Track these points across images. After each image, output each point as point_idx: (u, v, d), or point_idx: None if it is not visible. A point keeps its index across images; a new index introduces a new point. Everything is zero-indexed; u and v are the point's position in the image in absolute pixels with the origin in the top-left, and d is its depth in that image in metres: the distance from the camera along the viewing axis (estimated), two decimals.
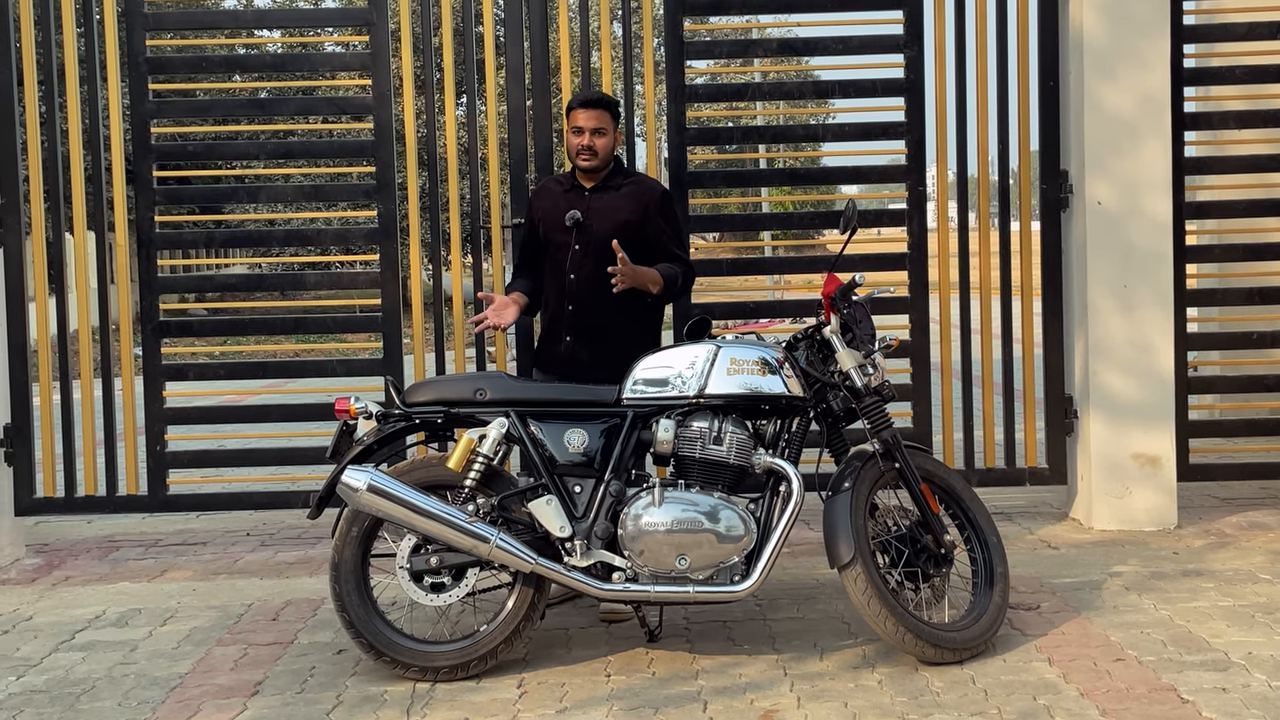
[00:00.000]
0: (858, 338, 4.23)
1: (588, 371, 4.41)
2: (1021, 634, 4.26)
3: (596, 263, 4.48)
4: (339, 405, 4.10)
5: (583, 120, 4.52)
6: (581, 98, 4.60)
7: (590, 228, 4.54)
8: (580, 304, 4.54)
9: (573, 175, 4.67)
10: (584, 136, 4.52)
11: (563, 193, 4.66)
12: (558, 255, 4.59)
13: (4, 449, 5.73)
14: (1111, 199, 5.64)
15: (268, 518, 6.38)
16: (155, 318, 5.83)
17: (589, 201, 4.58)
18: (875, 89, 5.94)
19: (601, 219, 4.54)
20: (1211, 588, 4.75)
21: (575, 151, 4.55)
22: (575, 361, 4.53)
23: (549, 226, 4.63)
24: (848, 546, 3.95)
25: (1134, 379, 5.65)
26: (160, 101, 5.96)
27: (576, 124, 4.54)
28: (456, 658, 3.96)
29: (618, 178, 4.65)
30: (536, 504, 3.98)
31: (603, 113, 4.54)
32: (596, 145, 4.52)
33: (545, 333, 4.72)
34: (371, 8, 5.81)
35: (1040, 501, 6.22)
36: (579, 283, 4.55)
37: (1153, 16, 5.62)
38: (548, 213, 4.65)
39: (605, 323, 4.55)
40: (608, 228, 4.50)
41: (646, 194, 4.65)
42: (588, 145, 4.52)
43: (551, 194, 4.71)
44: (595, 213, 4.56)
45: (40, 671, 4.18)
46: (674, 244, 4.65)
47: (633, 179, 4.76)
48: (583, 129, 4.52)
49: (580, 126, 4.52)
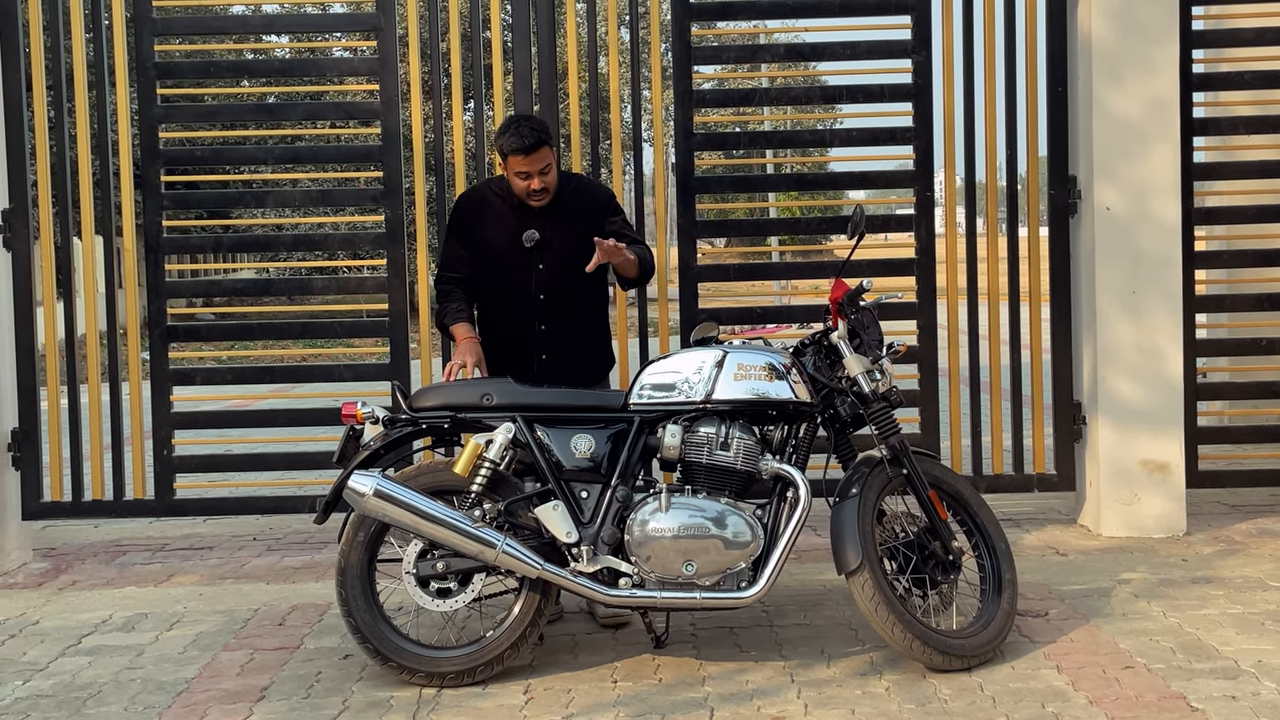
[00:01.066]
0: (865, 343, 4.21)
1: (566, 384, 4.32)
2: (1030, 641, 4.24)
3: (564, 279, 4.46)
4: (346, 410, 4.09)
5: (525, 165, 4.36)
6: (515, 144, 4.34)
7: (552, 245, 4.47)
8: (554, 321, 4.47)
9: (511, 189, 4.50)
10: (533, 180, 4.38)
11: (509, 208, 4.50)
12: (517, 276, 4.46)
13: (12, 453, 5.74)
14: (1120, 204, 5.62)
15: (274, 522, 6.38)
16: (163, 322, 5.84)
17: (543, 219, 4.49)
18: (883, 94, 5.93)
19: (562, 235, 4.49)
20: (1221, 595, 4.72)
21: (525, 194, 4.41)
22: (554, 378, 4.42)
23: (499, 245, 4.48)
24: (855, 553, 3.93)
25: (1143, 385, 5.63)
26: (168, 106, 5.98)
27: (519, 169, 4.37)
28: (463, 663, 3.95)
29: (564, 191, 4.56)
30: (543, 509, 3.97)
31: (543, 149, 4.37)
32: (546, 183, 4.41)
33: (507, 352, 4.53)
34: (379, 13, 5.81)
35: (1048, 508, 6.20)
36: (550, 302, 4.49)
37: (1161, 21, 5.60)
38: (495, 227, 4.50)
39: (578, 336, 4.55)
40: (571, 243, 4.46)
41: (596, 198, 4.65)
42: (539, 188, 4.39)
43: (494, 208, 4.53)
44: (552, 229, 4.49)
45: (46, 676, 4.18)
46: (632, 233, 4.62)
47: (576, 184, 4.72)
48: (530, 173, 4.37)
49: (526, 171, 4.36)
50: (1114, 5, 5.59)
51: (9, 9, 5.70)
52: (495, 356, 4.58)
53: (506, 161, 4.43)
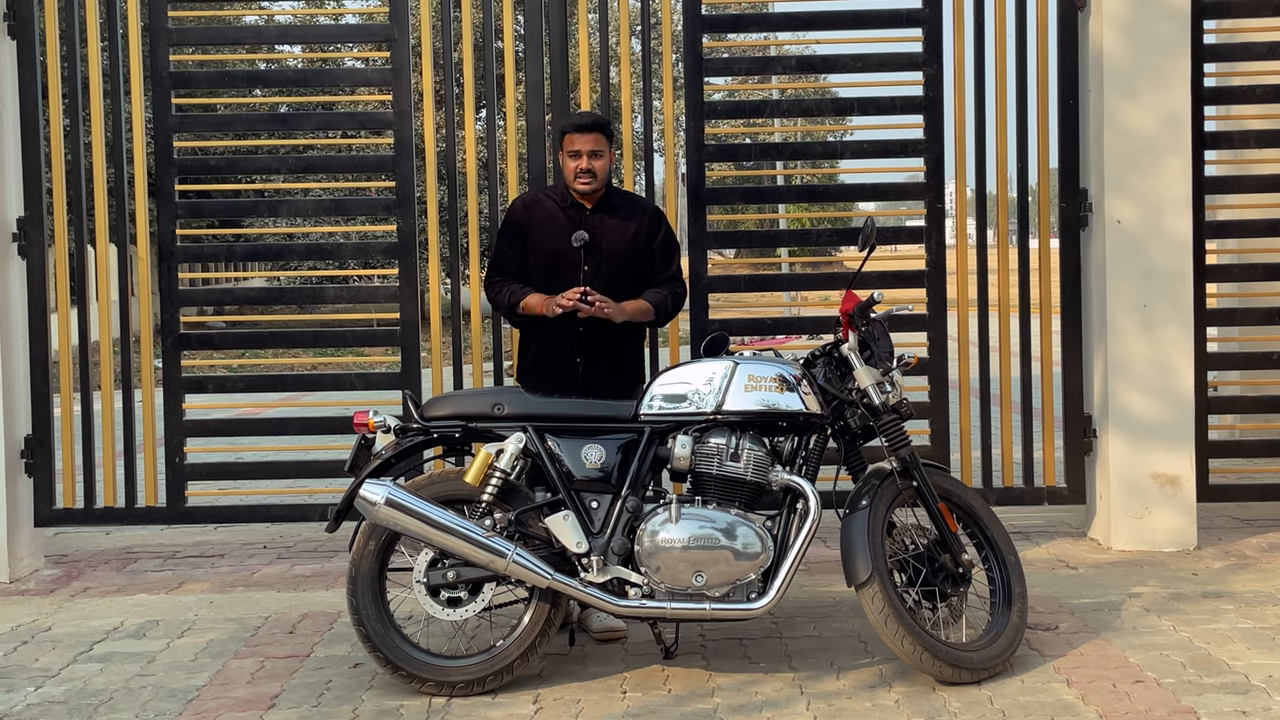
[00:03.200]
0: (876, 355, 4.22)
1: (600, 393, 4.34)
2: (1040, 654, 4.24)
3: (609, 283, 4.47)
4: (358, 419, 4.11)
5: (580, 144, 4.45)
6: (576, 121, 4.51)
7: (600, 247, 4.51)
8: (594, 325, 4.45)
9: (565, 192, 4.59)
10: (582, 160, 4.45)
11: (560, 209, 4.56)
12: (563, 275, 4.48)
13: (25, 460, 5.76)
14: (1131, 217, 5.62)
15: (285, 530, 6.40)
16: (175, 330, 5.86)
17: (592, 221, 4.54)
18: (894, 106, 5.94)
19: (610, 238, 4.53)
20: (1232, 610, 4.71)
21: (574, 175, 4.48)
22: (588, 383, 4.45)
23: (549, 244, 4.52)
24: (865, 565, 3.93)
25: (1153, 398, 5.62)
26: (183, 116, 6.01)
27: (574, 147, 4.46)
28: (473, 673, 3.96)
29: (614, 197, 4.64)
30: (553, 519, 3.98)
31: (599, 135, 4.47)
32: (595, 167, 4.46)
33: (546, 353, 4.56)
34: (393, 24, 5.84)
35: (1058, 521, 6.19)
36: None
37: (1173, 35, 5.61)
38: (545, 228, 4.55)
39: (617, 342, 4.55)
40: (618, 247, 4.52)
41: (647, 211, 4.69)
42: (586, 168, 4.45)
43: (546, 209, 4.59)
44: (602, 232, 4.53)
45: (59, 682, 4.20)
46: (671, 264, 4.68)
47: (627, 197, 4.80)
48: (580, 152, 4.45)
49: (578, 150, 4.45)
50: (1126, 18, 5.60)
51: (26, 17, 5.74)
52: (536, 358, 4.60)
53: (563, 141, 4.52)
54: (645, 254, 4.58)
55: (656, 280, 4.62)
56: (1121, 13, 5.60)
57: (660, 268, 4.63)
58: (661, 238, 4.65)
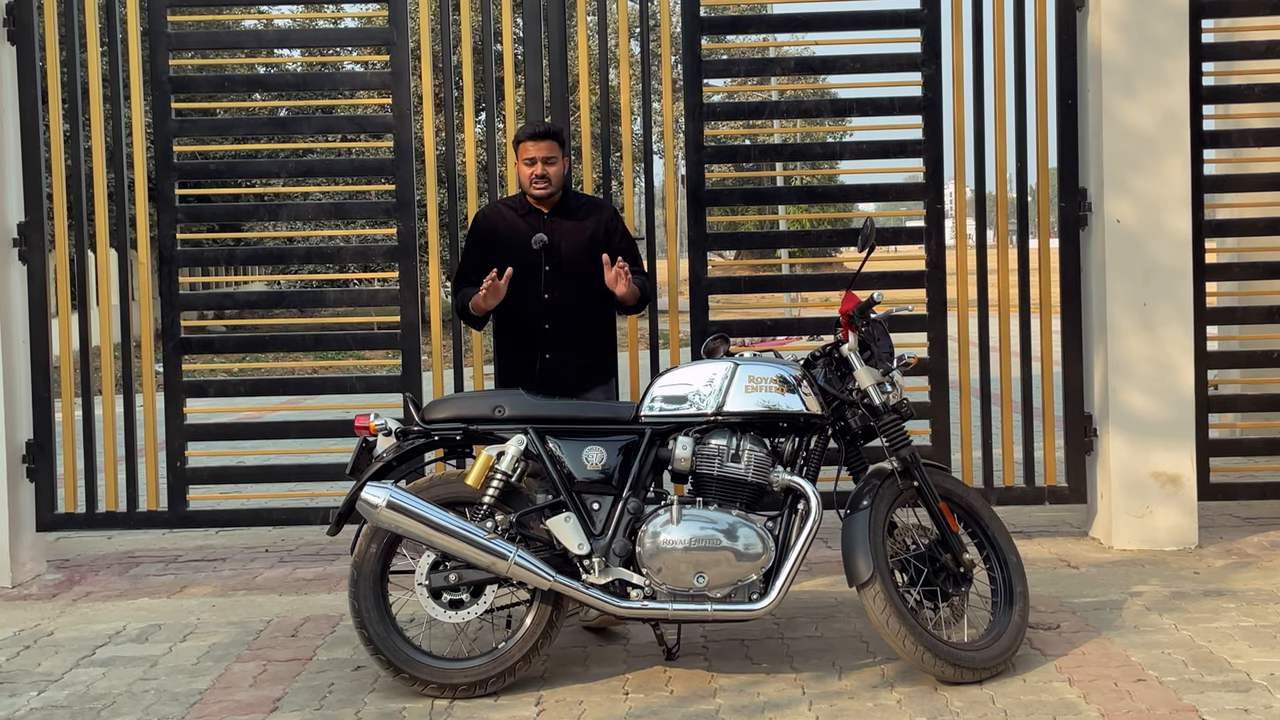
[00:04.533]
0: (876, 355, 4.22)
1: (569, 384, 4.60)
2: (1041, 654, 4.24)
3: (570, 281, 4.69)
4: (359, 422, 4.12)
5: (534, 150, 4.64)
6: (530, 130, 4.70)
7: (559, 248, 4.70)
8: (557, 321, 4.69)
9: (523, 200, 4.79)
10: (536, 166, 4.64)
11: (519, 216, 4.78)
12: (525, 277, 4.65)
13: (26, 464, 5.77)
14: (1131, 216, 5.63)
15: (286, 534, 6.41)
16: (176, 334, 5.87)
17: (551, 225, 4.73)
18: (893, 107, 5.95)
19: (568, 239, 4.73)
20: (1233, 608, 4.72)
21: (529, 181, 4.68)
22: (557, 377, 4.65)
23: (510, 248, 4.70)
24: (866, 565, 3.94)
25: (1154, 397, 5.63)
26: (183, 120, 6.01)
27: (528, 155, 4.66)
28: (475, 675, 3.97)
29: (570, 199, 4.83)
30: (555, 521, 3.98)
31: (551, 142, 4.66)
32: (549, 173, 4.66)
33: (515, 353, 4.79)
34: (392, 27, 5.85)
35: (1060, 520, 6.19)
36: (554, 301, 4.68)
37: (1172, 34, 5.61)
38: (506, 235, 4.75)
39: (580, 336, 4.75)
40: (576, 247, 4.72)
41: (604, 213, 4.89)
42: (541, 174, 4.66)
43: (505, 218, 4.82)
44: (561, 234, 4.72)
45: (61, 687, 4.20)
46: (635, 258, 4.87)
47: (585, 201, 4.98)
48: (535, 159, 4.64)
49: (533, 157, 4.65)
50: (1125, 18, 5.60)
51: (26, 23, 5.75)
52: (504, 357, 4.85)
53: (518, 150, 4.73)
54: (602, 252, 4.68)
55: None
56: (1120, 12, 5.61)
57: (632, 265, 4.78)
58: (619, 237, 4.86)
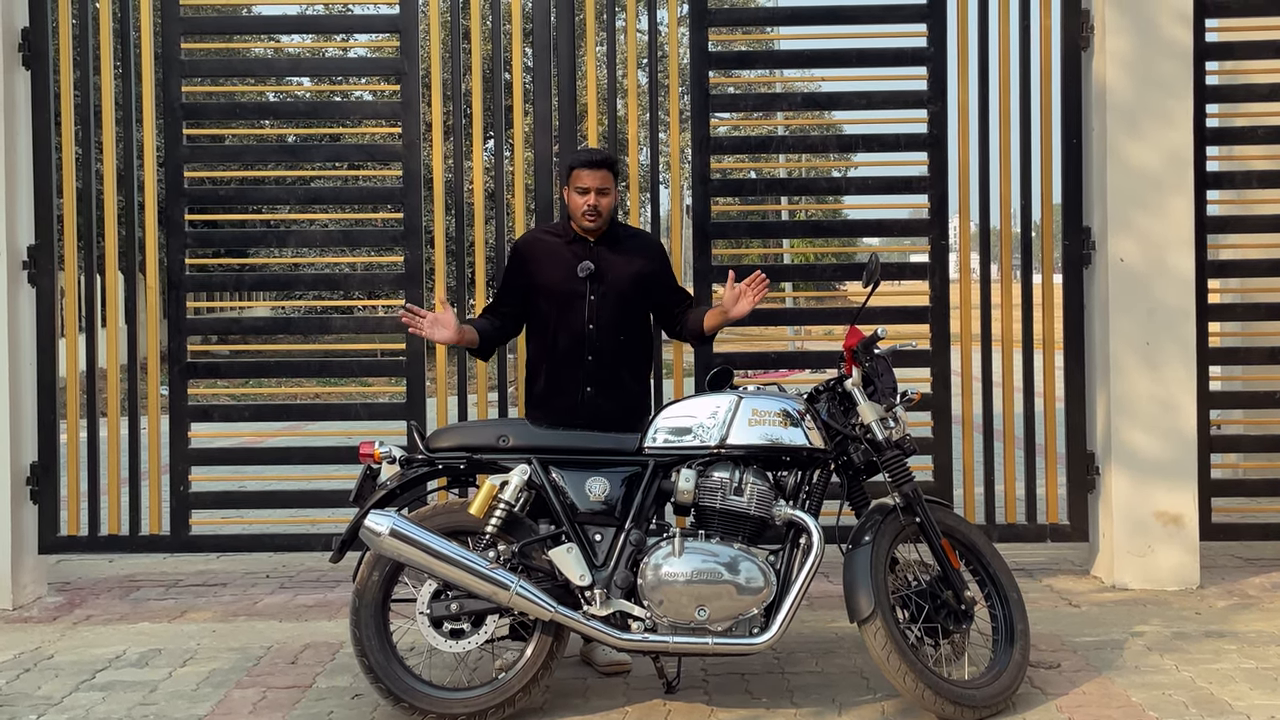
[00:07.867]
0: (879, 391, 4.23)
1: (608, 422, 4.36)
2: (1042, 693, 4.23)
3: (616, 312, 4.53)
4: (363, 449, 4.13)
5: (589, 180, 4.48)
6: (586, 158, 4.53)
7: (605, 277, 4.54)
8: (600, 354, 4.51)
9: (567, 227, 4.63)
10: (590, 196, 4.47)
11: (564, 244, 4.59)
12: (570, 307, 4.53)
13: (30, 486, 5.78)
14: (1135, 255, 5.65)
15: (288, 560, 6.41)
16: (183, 358, 5.89)
17: (597, 253, 4.56)
18: (899, 143, 5.99)
19: (616, 269, 4.56)
20: (1234, 649, 4.70)
21: (580, 211, 4.50)
22: (597, 413, 4.46)
23: (553, 277, 4.55)
24: (868, 600, 3.94)
25: (1157, 436, 5.63)
26: (194, 146, 6.06)
27: (582, 184, 4.49)
28: (474, 705, 3.96)
29: (617, 229, 4.68)
30: (557, 552, 3.99)
31: (606, 172, 4.50)
32: (601, 205, 4.48)
33: (554, 385, 4.57)
34: (403, 57, 5.90)
35: (1061, 558, 6.18)
36: (600, 332, 4.52)
37: (1177, 75, 5.66)
38: (548, 263, 4.58)
39: (623, 372, 4.59)
40: (623, 278, 4.55)
41: (650, 245, 4.77)
42: (593, 205, 4.47)
43: (548, 245, 4.62)
44: (607, 264, 4.56)
45: (61, 711, 4.20)
46: (683, 292, 4.84)
47: (630, 231, 4.84)
48: (589, 189, 4.48)
49: (586, 186, 4.48)
50: (1130, 58, 5.65)
51: (40, 48, 5.81)
52: (544, 387, 4.61)
53: (570, 177, 4.55)
54: (650, 288, 4.63)
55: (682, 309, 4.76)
56: (1125, 52, 5.65)
57: (682, 297, 4.78)
58: (669, 274, 4.76)
